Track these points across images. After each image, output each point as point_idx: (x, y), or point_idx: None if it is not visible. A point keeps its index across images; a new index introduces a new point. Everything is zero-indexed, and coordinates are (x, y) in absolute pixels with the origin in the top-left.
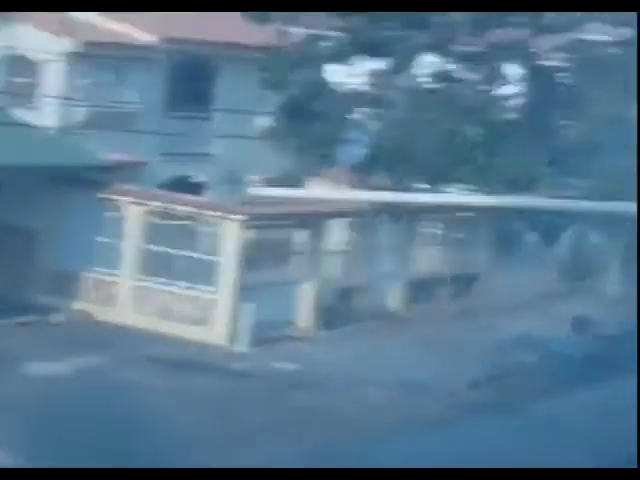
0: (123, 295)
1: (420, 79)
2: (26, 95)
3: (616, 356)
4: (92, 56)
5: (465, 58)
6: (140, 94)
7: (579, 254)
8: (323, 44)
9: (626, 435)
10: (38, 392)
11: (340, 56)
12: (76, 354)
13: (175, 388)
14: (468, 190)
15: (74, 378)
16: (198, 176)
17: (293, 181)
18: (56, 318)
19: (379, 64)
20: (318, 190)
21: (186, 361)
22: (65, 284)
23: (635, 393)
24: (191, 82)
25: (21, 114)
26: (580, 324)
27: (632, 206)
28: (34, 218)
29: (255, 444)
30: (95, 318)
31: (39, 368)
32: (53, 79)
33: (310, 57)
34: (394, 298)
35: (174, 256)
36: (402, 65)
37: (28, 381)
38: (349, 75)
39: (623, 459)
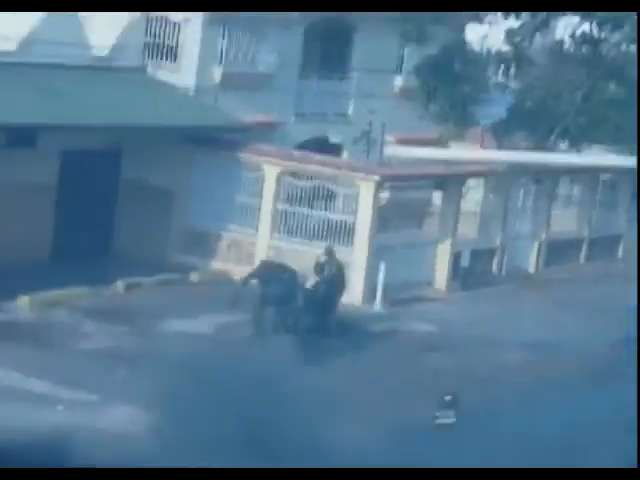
0: (260, 254)
1: (560, 38)
2: (165, 56)
3: None
4: (230, 16)
5: (606, 19)
6: (277, 54)
7: None
8: None
9: None
10: (176, 350)
11: (478, 15)
12: (213, 313)
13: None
14: (608, 150)
15: (211, 336)
16: (335, 136)
17: (431, 141)
18: (194, 277)
19: (519, 23)
20: (456, 150)
21: None
22: (202, 243)
23: None
24: (328, 42)
25: (160, 74)
26: None
27: None
28: (172, 178)
29: (398, 404)
30: (232, 277)
31: (177, 325)
32: (192, 39)
33: (449, 14)
34: (531, 260)
35: (310, 216)
36: (543, 25)
37: (167, 338)
38: (489, 34)
39: None
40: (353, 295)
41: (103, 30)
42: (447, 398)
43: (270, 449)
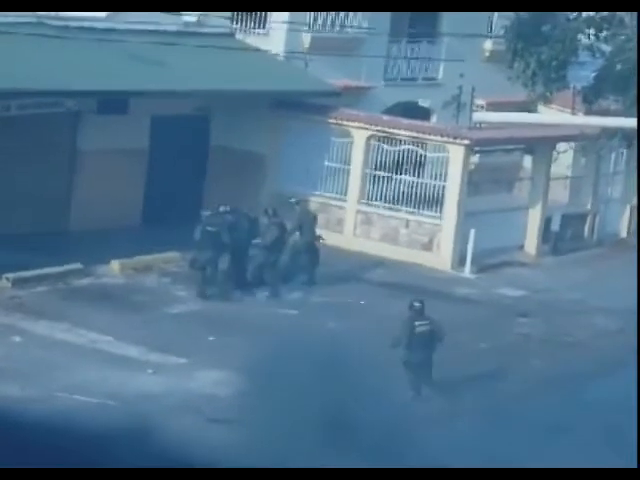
0: (349, 220)
1: None
2: (254, 21)
3: None
4: None
5: None
6: (366, 19)
7: None
8: None
9: None
10: (264, 315)
11: None
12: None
13: (400, 313)
14: None
15: (298, 302)
16: (424, 101)
17: (520, 105)
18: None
19: None
20: (545, 114)
21: (411, 286)
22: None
23: None
24: None
25: (250, 39)
26: None
27: None
28: (261, 143)
29: (481, 370)
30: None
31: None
32: None
33: None
34: (623, 224)
35: (399, 181)
36: None
37: (255, 303)
38: None
39: None
40: (442, 260)
41: None
42: (417, 304)
43: (357, 421)
